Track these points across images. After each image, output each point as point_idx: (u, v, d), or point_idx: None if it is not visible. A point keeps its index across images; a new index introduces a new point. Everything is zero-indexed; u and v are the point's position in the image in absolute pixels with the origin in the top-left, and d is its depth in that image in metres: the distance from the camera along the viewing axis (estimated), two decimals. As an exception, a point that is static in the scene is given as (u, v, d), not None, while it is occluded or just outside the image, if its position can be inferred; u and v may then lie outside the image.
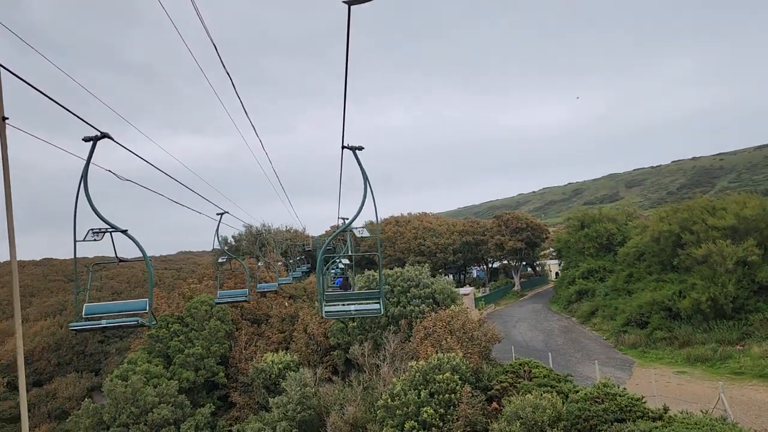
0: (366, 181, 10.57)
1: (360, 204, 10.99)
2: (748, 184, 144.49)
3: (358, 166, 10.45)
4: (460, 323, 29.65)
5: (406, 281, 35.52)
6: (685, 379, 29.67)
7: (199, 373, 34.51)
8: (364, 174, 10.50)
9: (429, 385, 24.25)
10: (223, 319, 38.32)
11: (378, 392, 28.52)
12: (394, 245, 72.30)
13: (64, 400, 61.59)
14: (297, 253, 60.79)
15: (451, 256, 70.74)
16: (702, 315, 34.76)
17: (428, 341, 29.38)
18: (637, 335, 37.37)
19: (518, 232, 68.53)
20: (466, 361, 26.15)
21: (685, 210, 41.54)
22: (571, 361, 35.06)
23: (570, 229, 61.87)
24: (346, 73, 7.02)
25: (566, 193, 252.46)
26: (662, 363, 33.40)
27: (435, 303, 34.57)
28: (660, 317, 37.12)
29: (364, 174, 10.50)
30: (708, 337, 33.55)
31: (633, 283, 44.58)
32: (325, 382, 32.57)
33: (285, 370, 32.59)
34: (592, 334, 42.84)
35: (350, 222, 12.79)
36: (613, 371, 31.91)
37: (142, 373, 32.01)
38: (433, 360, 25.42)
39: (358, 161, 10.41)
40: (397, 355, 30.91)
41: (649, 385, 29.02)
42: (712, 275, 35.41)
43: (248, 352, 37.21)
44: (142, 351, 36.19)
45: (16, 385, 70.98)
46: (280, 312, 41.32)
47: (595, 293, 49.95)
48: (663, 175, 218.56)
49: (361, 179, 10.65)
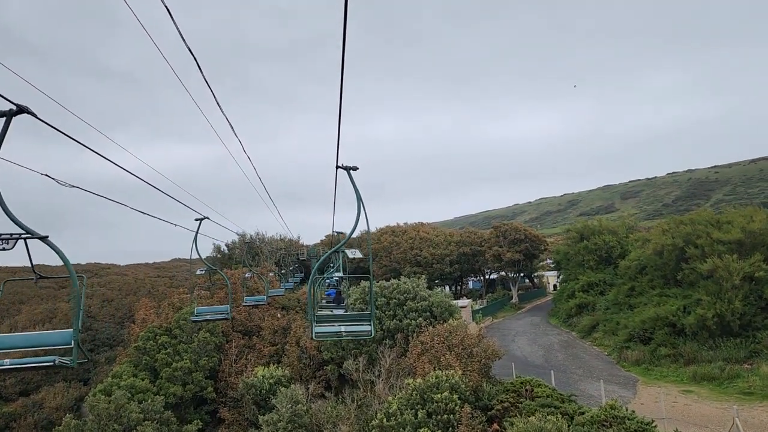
0: (359, 202, 10.26)
1: (353, 226, 11.01)
2: (744, 197, 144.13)
3: (353, 186, 10.14)
4: (459, 339, 28.52)
5: (403, 293, 34.37)
6: (692, 399, 28.58)
7: (187, 387, 33.14)
8: (358, 195, 10.19)
9: (427, 405, 23.11)
10: (213, 332, 37.03)
11: (373, 410, 27.33)
12: (390, 255, 71.13)
13: (52, 411, 59.48)
14: (291, 263, 59.56)
15: (447, 267, 69.56)
16: (708, 332, 33.72)
17: (425, 357, 28.24)
18: (641, 351, 36.29)
19: (516, 243, 67.47)
20: (466, 378, 25.02)
21: (688, 223, 40.63)
22: (573, 378, 33.91)
23: (569, 241, 60.93)
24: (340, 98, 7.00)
25: (562, 204, 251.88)
26: (667, 381, 32.32)
27: (432, 316, 33.42)
28: (664, 333, 36.04)
29: (358, 195, 10.19)
30: (714, 354, 32.49)
31: (635, 297, 43.55)
32: (317, 398, 31.30)
33: (276, 385, 31.30)
34: (594, 350, 41.72)
35: (342, 244, 12.83)
36: (617, 389, 30.82)
37: (127, 387, 30.63)
38: (431, 378, 24.27)
39: (353, 182, 10.14)
40: (393, 371, 29.73)
41: (655, 405, 27.95)
42: (718, 291, 34.40)
43: (238, 365, 35.92)
44: (128, 364, 34.80)
45: (1, 395, 69.55)
46: (272, 324, 40.06)
47: (596, 307, 48.93)
48: (658, 187, 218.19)
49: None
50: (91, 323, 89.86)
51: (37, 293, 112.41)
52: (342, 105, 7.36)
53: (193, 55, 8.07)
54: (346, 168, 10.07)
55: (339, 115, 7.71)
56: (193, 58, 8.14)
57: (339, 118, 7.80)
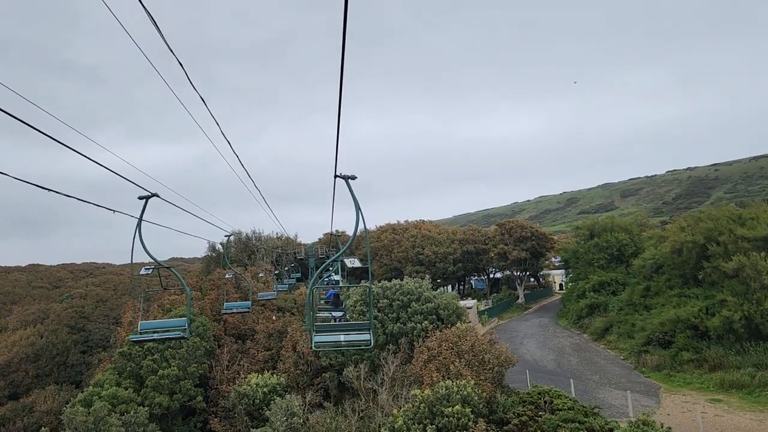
0: (358, 211, 10.42)
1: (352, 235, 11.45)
2: (744, 195, 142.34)
3: (351, 195, 10.27)
4: (469, 344, 26.16)
5: (406, 294, 32.03)
6: (722, 409, 26.29)
7: (175, 397, 30.60)
8: (357, 204, 10.33)
9: (436, 419, 20.81)
10: (204, 336, 34.60)
11: (376, 423, 25.06)
12: (391, 254, 68.64)
13: (42, 415, 57.33)
14: (288, 262, 57.10)
15: (451, 266, 67.02)
16: (735, 335, 31.42)
17: (433, 365, 25.91)
18: (661, 356, 33.98)
19: (522, 241, 65.11)
20: (478, 389, 22.67)
21: (709, 219, 38.24)
22: (590, 386, 31.60)
23: (578, 239, 58.57)
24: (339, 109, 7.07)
25: (561, 202, 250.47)
26: (691, 388, 30.05)
27: (439, 319, 31.08)
28: (685, 336, 33.71)
29: (356, 204, 10.33)
30: (743, 360, 30.17)
31: (651, 297, 41.28)
32: (315, 408, 28.96)
33: (271, 394, 28.93)
34: (609, 354, 39.36)
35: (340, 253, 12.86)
36: (639, 398, 28.56)
37: (108, 398, 28.12)
38: (441, 389, 21.95)
39: (351, 191, 10.27)
40: (397, 379, 27.40)
41: (683, 416, 25.73)
42: (745, 291, 32.12)
43: (231, 372, 33.45)
44: (111, 371, 32.22)
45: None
46: (266, 327, 37.62)
47: (608, 308, 46.65)
48: (658, 185, 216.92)
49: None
50: (84, 324, 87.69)
51: (30, 293, 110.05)
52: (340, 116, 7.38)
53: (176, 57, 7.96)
54: (345, 177, 10.20)
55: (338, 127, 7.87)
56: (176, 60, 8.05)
57: (338, 129, 7.99)
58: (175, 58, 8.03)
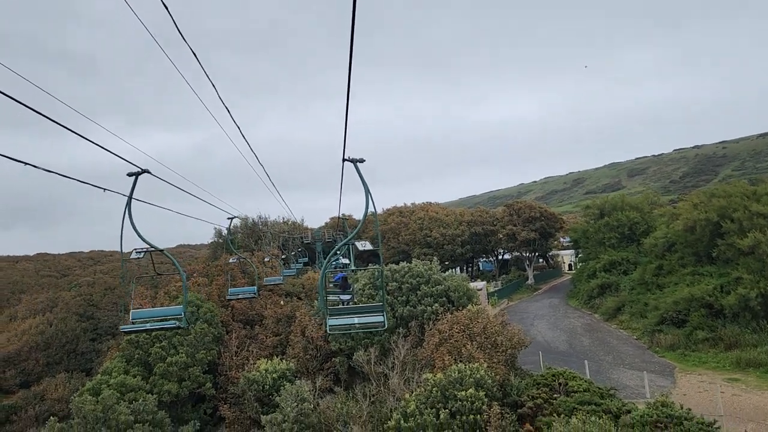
0: (368, 194, 10.44)
1: (362, 219, 11.61)
2: (752, 173, 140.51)
3: (360, 178, 10.32)
4: (481, 326, 25.67)
5: (415, 277, 31.55)
6: (740, 389, 25.79)
7: (183, 384, 30.36)
8: (366, 187, 10.37)
9: (449, 403, 20.36)
10: (211, 322, 34.30)
11: (387, 408, 24.66)
12: (398, 237, 68.13)
13: (53, 402, 57.46)
14: (295, 247, 56.72)
15: (459, 247, 66.45)
16: (751, 313, 30.84)
17: (444, 348, 25.48)
18: (675, 335, 33.46)
19: (531, 221, 64.40)
20: (491, 372, 22.21)
21: (722, 195, 37.44)
22: (603, 366, 31.14)
23: (588, 218, 57.81)
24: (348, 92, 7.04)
25: (567, 183, 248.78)
26: (707, 368, 29.55)
27: (449, 302, 30.61)
28: (700, 315, 33.14)
29: (365, 187, 10.37)
30: (760, 338, 29.66)
31: (663, 276, 40.64)
32: (325, 393, 28.62)
33: (280, 380, 28.59)
34: (621, 334, 38.86)
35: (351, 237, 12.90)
36: (654, 378, 28.08)
37: (117, 386, 27.90)
38: (453, 372, 21.49)
39: (360, 174, 10.31)
40: (408, 362, 26.98)
41: (700, 396, 25.25)
42: (761, 268, 31.50)
43: (239, 358, 33.18)
44: (119, 359, 31.98)
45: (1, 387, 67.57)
46: (274, 312, 37.27)
47: (620, 287, 46.04)
48: (665, 163, 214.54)
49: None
50: (93, 312, 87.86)
51: (38, 282, 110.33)
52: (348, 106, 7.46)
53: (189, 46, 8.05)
54: (353, 160, 10.20)
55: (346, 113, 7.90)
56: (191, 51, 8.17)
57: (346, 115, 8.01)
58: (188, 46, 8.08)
